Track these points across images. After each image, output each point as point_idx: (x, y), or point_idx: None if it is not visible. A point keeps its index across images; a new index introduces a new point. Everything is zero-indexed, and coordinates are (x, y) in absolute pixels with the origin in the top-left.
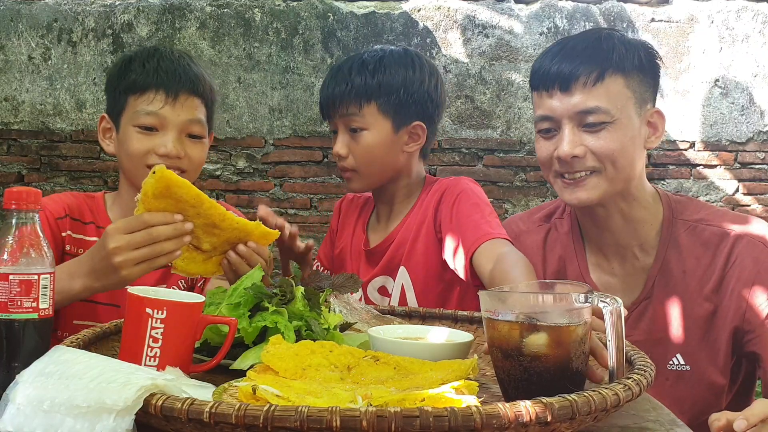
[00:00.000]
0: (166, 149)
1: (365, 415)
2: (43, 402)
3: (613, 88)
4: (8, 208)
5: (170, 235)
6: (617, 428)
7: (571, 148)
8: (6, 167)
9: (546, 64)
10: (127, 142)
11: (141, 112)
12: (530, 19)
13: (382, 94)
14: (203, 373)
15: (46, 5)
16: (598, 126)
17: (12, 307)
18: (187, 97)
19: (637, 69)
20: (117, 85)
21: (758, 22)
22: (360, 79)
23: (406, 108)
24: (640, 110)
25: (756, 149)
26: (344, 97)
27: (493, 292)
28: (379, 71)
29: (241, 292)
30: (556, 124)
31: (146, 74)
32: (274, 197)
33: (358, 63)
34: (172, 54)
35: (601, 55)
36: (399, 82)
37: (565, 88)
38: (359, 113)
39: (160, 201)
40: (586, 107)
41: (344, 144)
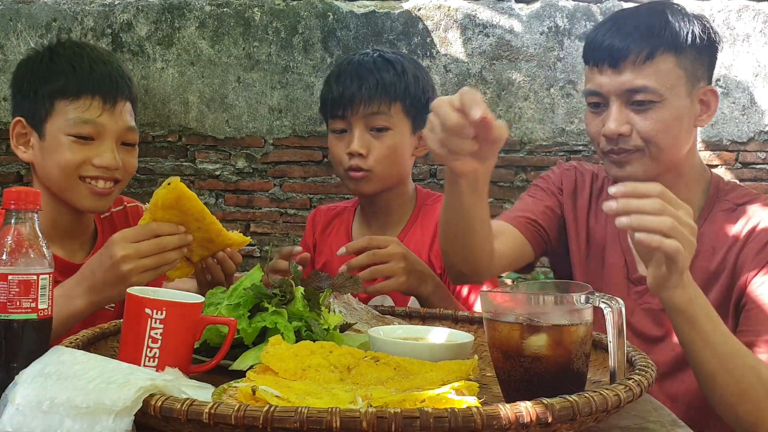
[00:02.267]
0: (105, 161)
1: (365, 415)
2: (42, 402)
3: (664, 67)
4: (7, 208)
5: (176, 245)
6: (618, 429)
7: (617, 126)
8: (5, 167)
9: (599, 38)
10: (60, 151)
11: (76, 120)
12: (530, 18)
13: (408, 95)
14: (203, 374)
15: (45, 5)
16: (646, 105)
17: (11, 308)
18: (123, 103)
19: (690, 47)
20: (38, 87)
21: (759, 22)
22: (389, 77)
23: (422, 112)
24: (692, 89)
25: (757, 149)
26: (373, 94)
27: (493, 292)
28: (405, 72)
29: (241, 293)
30: (604, 99)
31: (79, 78)
32: (273, 197)
33: (381, 61)
34: (100, 54)
35: (653, 32)
36: (420, 84)
37: (614, 65)
38: (388, 112)
39: (166, 212)
40: (634, 86)
41: (364, 143)
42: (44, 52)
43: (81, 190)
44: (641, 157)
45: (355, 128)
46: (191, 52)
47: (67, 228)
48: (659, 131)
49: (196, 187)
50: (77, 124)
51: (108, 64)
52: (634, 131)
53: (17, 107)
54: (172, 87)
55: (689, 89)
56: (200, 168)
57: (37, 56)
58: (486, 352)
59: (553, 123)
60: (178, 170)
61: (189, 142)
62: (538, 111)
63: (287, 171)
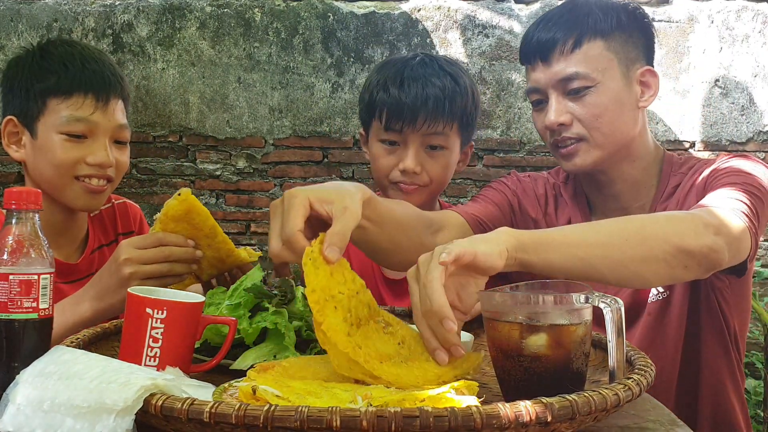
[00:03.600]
0: (99, 158)
1: (365, 415)
2: (43, 402)
3: (592, 52)
4: (8, 208)
5: (181, 257)
6: (617, 428)
7: (557, 116)
8: (6, 167)
9: (528, 37)
10: (52, 151)
11: (69, 118)
12: (530, 19)
13: (464, 113)
14: (203, 373)
15: (46, 5)
16: (582, 92)
17: (12, 307)
18: (116, 101)
19: (617, 30)
20: (30, 85)
21: (758, 22)
22: (452, 95)
23: (472, 128)
24: (627, 71)
25: (756, 149)
26: (438, 114)
27: (493, 292)
28: (465, 88)
29: (241, 293)
30: (543, 95)
31: (71, 76)
32: (274, 197)
33: (443, 73)
34: (91, 52)
35: (577, 21)
36: (474, 101)
37: (545, 58)
38: (447, 132)
39: (177, 224)
40: (566, 74)
41: (419, 161)
42: (35, 51)
43: (75, 189)
44: (587, 147)
45: (411, 145)
46: (192, 53)
47: (60, 228)
48: (598, 115)
49: (197, 188)
50: (70, 122)
51: (99, 62)
52: (574, 120)
53: (8, 106)
54: (172, 87)
55: (624, 71)
56: (201, 168)
57: (28, 55)
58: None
59: None
60: (179, 170)
61: (189, 143)
62: None
63: (287, 171)
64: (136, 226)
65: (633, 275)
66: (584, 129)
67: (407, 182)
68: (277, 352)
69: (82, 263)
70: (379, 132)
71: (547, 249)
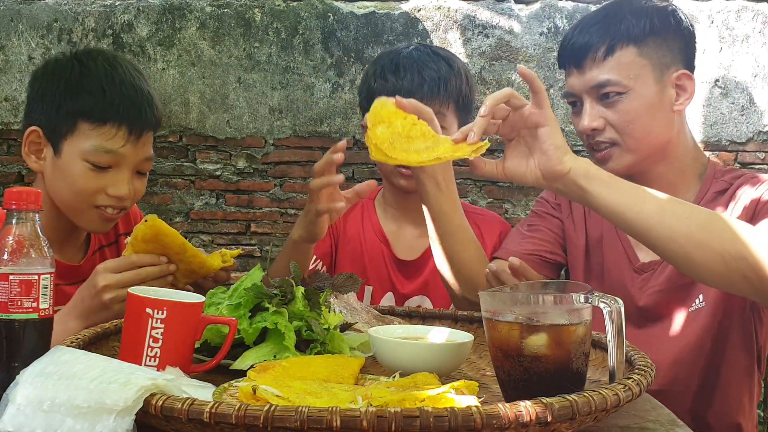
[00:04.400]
0: (119, 191)
1: (365, 415)
2: (43, 402)
3: (625, 60)
4: (8, 208)
5: (156, 275)
6: (617, 428)
7: (590, 121)
8: (6, 167)
9: (564, 42)
10: (74, 176)
11: (98, 148)
12: (530, 19)
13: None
14: (203, 373)
15: (46, 5)
16: (614, 97)
17: (12, 307)
18: (148, 135)
19: (650, 34)
20: (62, 101)
21: (758, 22)
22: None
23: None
24: (662, 75)
25: (756, 149)
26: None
27: (493, 292)
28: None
29: (241, 293)
30: (578, 99)
31: (108, 104)
32: (274, 197)
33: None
34: (131, 75)
35: (609, 27)
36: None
37: (578, 65)
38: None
39: (148, 245)
40: (599, 81)
41: None
42: (74, 63)
43: (91, 215)
44: (620, 151)
45: None
46: (192, 53)
47: (64, 233)
48: (629, 121)
49: (197, 188)
50: (98, 152)
51: (138, 89)
52: (607, 125)
53: (34, 113)
54: (172, 87)
55: (658, 76)
56: (201, 168)
57: (66, 65)
58: (486, 352)
59: None
60: (179, 170)
61: (190, 143)
62: None
63: (288, 171)
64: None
65: (683, 254)
66: (617, 134)
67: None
68: (277, 352)
69: (84, 265)
70: None
71: (607, 186)
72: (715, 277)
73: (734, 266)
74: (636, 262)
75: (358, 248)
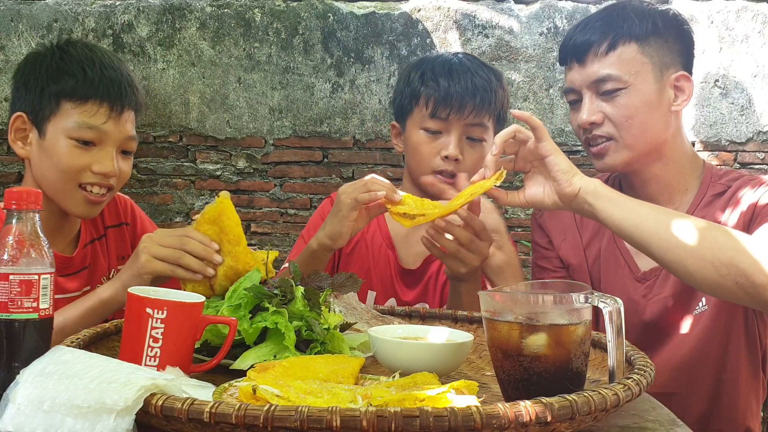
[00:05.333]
0: (104, 168)
1: (365, 415)
2: (43, 402)
3: (626, 56)
4: (8, 208)
5: (198, 252)
6: (617, 428)
7: (589, 115)
8: (6, 167)
9: (566, 40)
10: (59, 154)
11: (81, 125)
12: (530, 19)
13: (499, 107)
14: (203, 373)
15: (47, 5)
16: (613, 93)
17: (12, 307)
18: (129, 112)
19: (653, 34)
20: (45, 84)
21: (758, 23)
22: (494, 87)
23: (502, 124)
24: (661, 75)
25: (755, 149)
26: (483, 104)
27: (493, 292)
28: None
29: (241, 293)
30: (578, 94)
31: (89, 82)
32: (274, 197)
33: (484, 68)
34: (110, 59)
35: (613, 24)
36: (506, 96)
37: (580, 60)
38: (487, 124)
39: (209, 226)
40: (599, 75)
41: (461, 148)
42: (54, 50)
43: (76, 196)
44: (616, 147)
45: (454, 132)
46: (192, 53)
47: (55, 225)
48: (628, 116)
49: (197, 188)
50: (81, 128)
51: (118, 70)
52: (605, 119)
53: (19, 102)
54: (173, 87)
55: (657, 75)
56: (201, 168)
57: (47, 53)
58: (486, 352)
59: (553, 123)
60: (179, 170)
61: (190, 143)
62: (538, 111)
63: (288, 171)
64: (128, 218)
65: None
66: (615, 129)
67: (448, 170)
68: (277, 352)
69: (76, 257)
70: (422, 120)
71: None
72: (711, 285)
73: (725, 273)
74: (637, 272)
75: (365, 252)
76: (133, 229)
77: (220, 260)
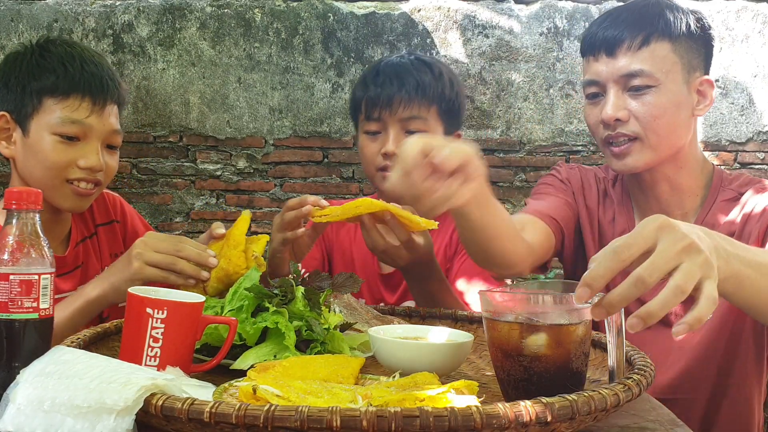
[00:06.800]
0: (90, 162)
1: (365, 415)
2: (43, 402)
3: (659, 53)
4: (8, 208)
5: (193, 256)
6: (617, 428)
7: (615, 110)
8: (7, 167)
9: (593, 30)
10: (44, 151)
11: (64, 120)
12: (530, 19)
13: (443, 98)
14: (203, 373)
15: (47, 5)
16: (643, 90)
17: (12, 307)
18: (112, 106)
19: (685, 35)
20: (26, 83)
21: (758, 23)
22: (427, 80)
23: (455, 116)
24: (689, 77)
25: (756, 149)
26: (412, 97)
27: (493, 292)
28: (442, 75)
29: (242, 294)
30: (602, 88)
31: (70, 77)
32: (274, 197)
33: (418, 63)
34: (91, 54)
35: (647, 20)
36: (454, 89)
37: (610, 52)
38: (425, 116)
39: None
40: (630, 70)
41: (399, 144)
42: (34, 48)
43: (64, 191)
44: (641, 147)
45: (391, 130)
46: (192, 53)
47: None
48: (656, 116)
49: (197, 188)
50: (65, 123)
51: (98, 65)
52: (631, 117)
53: (1, 102)
54: (173, 87)
55: (685, 77)
56: (201, 168)
57: (27, 51)
58: (486, 352)
59: (553, 123)
60: (179, 170)
61: (190, 143)
62: (538, 111)
63: (288, 171)
64: (118, 215)
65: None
66: (641, 128)
67: (390, 165)
68: (277, 352)
69: (68, 256)
70: (363, 125)
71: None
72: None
73: None
74: None
75: (349, 260)
76: (124, 226)
77: (216, 263)
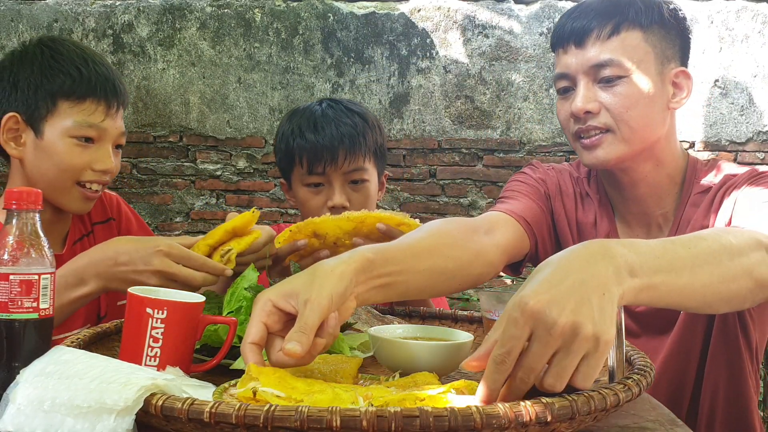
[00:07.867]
0: (105, 165)
1: (365, 415)
2: (43, 402)
3: (630, 42)
4: (8, 208)
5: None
6: (617, 428)
7: (585, 102)
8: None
9: (563, 22)
10: (61, 154)
11: (81, 123)
12: (530, 19)
13: (376, 144)
14: (203, 373)
15: (47, 5)
16: (614, 81)
17: (12, 307)
18: (121, 109)
19: (657, 24)
20: (39, 84)
21: (758, 23)
22: (365, 131)
23: (383, 159)
24: (662, 68)
25: (756, 149)
26: (356, 149)
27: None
28: (373, 122)
29: (241, 295)
30: (572, 81)
31: (86, 82)
32: (274, 197)
33: (350, 113)
34: (97, 56)
35: (617, 9)
36: (382, 133)
37: (579, 43)
38: (366, 166)
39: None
40: (600, 60)
41: (346, 196)
42: (42, 49)
43: (74, 193)
44: (612, 139)
45: (335, 183)
46: (192, 53)
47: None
48: (628, 107)
49: (197, 188)
50: (82, 126)
51: (108, 68)
52: (602, 109)
53: (7, 101)
54: (173, 87)
55: (659, 68)
56: (201, 168)
57: (36, 52)
58: None
59: (552, 123)
60: (179, 170)
61: (190, 143)
62: (538, 111)
63: None
64: (114, 213)
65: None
66: (612, 120)
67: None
68: None
69: (65, 255)
70: (303, 177)
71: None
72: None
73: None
74: None
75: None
76: (119, 224)
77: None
